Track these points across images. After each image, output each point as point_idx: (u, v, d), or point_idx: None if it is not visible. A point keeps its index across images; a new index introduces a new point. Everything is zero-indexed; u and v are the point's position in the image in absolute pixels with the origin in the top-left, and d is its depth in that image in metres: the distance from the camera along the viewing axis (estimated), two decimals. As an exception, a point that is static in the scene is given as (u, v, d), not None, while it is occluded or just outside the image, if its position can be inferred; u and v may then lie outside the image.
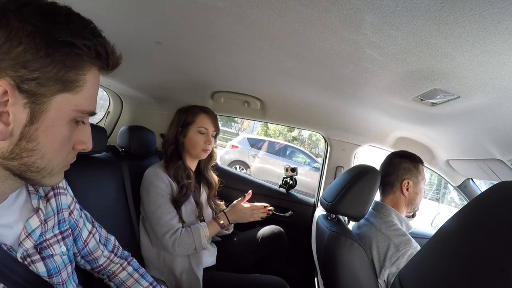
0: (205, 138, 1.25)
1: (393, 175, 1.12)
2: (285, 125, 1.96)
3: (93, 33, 0.43)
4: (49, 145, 0.43)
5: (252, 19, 0.67)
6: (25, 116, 0.40)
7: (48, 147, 0.43)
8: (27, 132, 0.41)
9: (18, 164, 0.43)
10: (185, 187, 1.19)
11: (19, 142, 0.41)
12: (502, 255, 0.28)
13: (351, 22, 0.60)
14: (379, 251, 0.99)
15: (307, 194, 1.94)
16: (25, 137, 0.41)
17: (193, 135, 1.24)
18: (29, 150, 0.42)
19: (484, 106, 0.82)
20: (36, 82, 0.39)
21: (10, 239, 0.50)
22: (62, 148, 0.45)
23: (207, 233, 1.13)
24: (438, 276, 0.33)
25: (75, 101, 0.43)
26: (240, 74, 1.18)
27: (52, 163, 0.45)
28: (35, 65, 0.39)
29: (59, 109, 0.42)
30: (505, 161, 1.11)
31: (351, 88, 1.03)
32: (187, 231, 1.13)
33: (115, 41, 0.46)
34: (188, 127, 1.24)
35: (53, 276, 0.56)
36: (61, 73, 0.40)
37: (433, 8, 0.50)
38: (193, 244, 1.11)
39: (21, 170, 0.43)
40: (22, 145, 0.41)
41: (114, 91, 1.74)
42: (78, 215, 0.70)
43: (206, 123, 1.25)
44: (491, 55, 0.58)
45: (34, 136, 0.41)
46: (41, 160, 0.43)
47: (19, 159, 0.42)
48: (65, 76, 0.41)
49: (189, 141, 1.24)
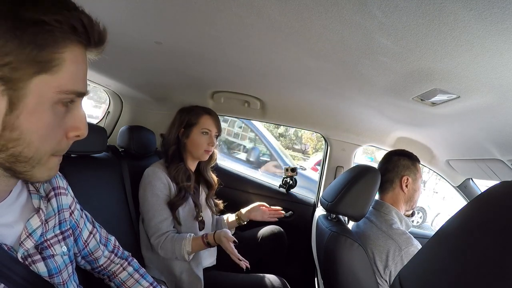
0: (208, 140, 1.24)
1: (393, 172, 1.13)
2: (285, 125, 1.96)
3: (65, 7, 0.39)
4: (34, 131, 0.40)
5: (252, 19, 0.67)
6: (4, 104, 0.38)
7: (33, 134, 0.40)
8: (8, 120, 0.38)
9: (6, 156, 0.41)
10: (184, 190, 1.18)
11: (2, 132, 0.39)
12: (502, 255, 0.28)
13: (350, 23, 0.60)
14: (381, 250, 0.99)
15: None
16: (8, 127, 0.39)
17: (196, 136, 1.23)
18: (14, 140, 0.40)
19: (484, 106, 0.82)
20: (9, 67, 0.37)
21: (10, 239, 0.50)
22: (49, 134, 0.42)
23: (188, 248, 1.09)
24: (438, 276, 0.33)
25: (55, 82, 0.40)
26: (240, 74, 1.18)
27: (40, 151, 0.42)
28: (5, 49, 0.36)
29: (39, 93, 0.39)
30: (505, 161, 1.11)
31: (351, 88, 1.03)
32: (171, 239, 1.11)
33: (115, 41, 0.46)
34: (191, 128, 1.24)
35: (54, 276, 0.56)
36: (33, 54, 0.37)
37: (433, 8, 0.50)
38: (174, 253, 1.10)
39: (10, 162, 0.41)
40: (6, 135, 0.39)
41: (114, 91, 1.74)
42: (78, 215, 0.70)
43: (210, 124, 1.25)
44: (491, 55, 0.58)
45: (16, 124, 0.39)
46: (28, 148, 0.41)
47: (6, 150, 0.40)
48: (39, 56, 0.38)
49: (192, 142, 1.23)
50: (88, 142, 1.03)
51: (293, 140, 12.96)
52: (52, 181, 0.61)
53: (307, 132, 11.61)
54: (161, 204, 1.14)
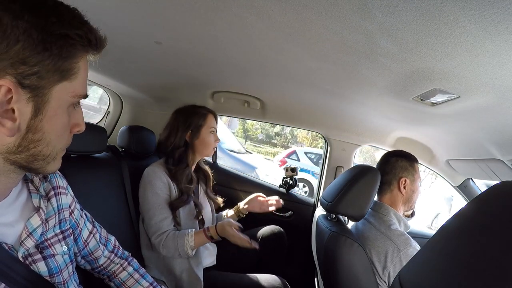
0: (215, 137, 1.30)
1: (390, 174, 1.13)
2: (285, 125, 1.96)
3: (81, 21, 0.44)
4: (53, 132, 0.45)
5: (252, 19, 0.67)
6: (30, 109, 0.42)
7: (53, 134, 0.45)
8: (33, 124, 0.43)
9: (25, 156, 0.44)
10: (186, 193, 1.18)
11: (25, 135, 0.43)
12: (502, 255, 0.28)
13: (350, 23, 0.60)
14: (379, 251, 0.99)
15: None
16: (31, 130, 0.43)
17: (206, 136, 1.26)
18: (35, 141, 0.44)
19: (484, 106, 0.82)
20: (36, 76, 0.40)
21: (11, 238, 0.50)
22: (63, 133, 0.48)
23: (192, 242, 1.10)
24: (438, 276, 0.33)
25: (71, 87, 0.45)
26: (240, 74, 1.19)
27: (55, 149, 0.47)
28: (34, 60, 0.40)
29: (59, 98, 0.44)
30: (505, 161, 1.11)
31: (351, 88, 1.03)
32: (173, 236, 1.11)
33: (116, 41, 0.47)
34: (201, 129, 1.25)
35: (54, 276, 0.56)
36: (58, 64, 0.42)
37: (433, 8, 0.50)
38: (177, 250, 1.10)
39: (29, 161, 0.45)
40: (29, 137, 0.43)
41: (114, 91, 1.74)
42: (78, 215, 0.70)
43: (214, 123, 1.30)
44: (491, 55, 0.58)
45: (39, 127, 0.43)
46: (47, 148, 0.45)
47: (27, 151, 0.44)
48: (62, 66, 0.43)
49: (202, 142, 1.25)
50: (88, 142, 1.03)
51: (288, 139, 13.19)
52: (52, 181, 0.61)
53: (302, 131, 11.76)
54: (162, 203, 1.14)
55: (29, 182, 0.56)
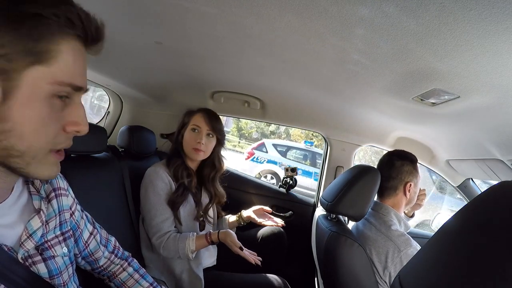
0: (196, 136, 1.20)
1: (396, 179, 1.11)
2: (285, 125, 1.96)
3: (63, 1, 0.40)
4: (27, 124, 0.40)
5: (252, 19, 0.67)
6: None
7: (26, 126, 0.40)
8: (1, 111, 0.38)
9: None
10: (182, 186, 1.18)
11: None
12: (502, 255, 0.28)
13: (350, 22, 0.60)
14: (380, 251, 0.99)
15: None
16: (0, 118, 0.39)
17: (186, 133, 1.23)
18: (5, 132, 0.39)
19: (484, 106, 0.82)
20: (4, 59, 0.37)
21: (10, 240, 0.50)
22: (43, 128, 0.42)
23: (193, 246, 1.10)
24: (438, 276, 0.33)
25: (49, 74, 0.40)
26: (240, 74, 1.18)
27: (34, 146, 0.42)
28: (2, 41, 0.37)
29: (33, 84, 0.39)
30: (505, 161, 1.11)
31: (351, 88, 1.03)
32: (174, 238, 1.11)
33: (116, 41, 0.46)
34: (185, 127, 1.25)
35: (55, 277, 0.56)
36: (30, 45, 0.38)
37: (433, 8, 0.50)
38: (177, 252, 1.10)
39: (3, 156, 0.41)
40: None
41: (114, 91, 1.74)
42: (79, 216, 0.69)
43: (200, 121, 1.22)
44: (491, 55, 0.58)
45: (8, 115, 0.39)
46: (21, 142, 0.40)
47: None
48: (35, 48, 0.38)
49: (184, 140, 1.24)
50: (88, 142, 1.03)
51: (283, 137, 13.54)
52: (52, 182, 0.61)
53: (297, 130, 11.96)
54: (163, 204, 1.14)
55: (30, 183, 0.56)
